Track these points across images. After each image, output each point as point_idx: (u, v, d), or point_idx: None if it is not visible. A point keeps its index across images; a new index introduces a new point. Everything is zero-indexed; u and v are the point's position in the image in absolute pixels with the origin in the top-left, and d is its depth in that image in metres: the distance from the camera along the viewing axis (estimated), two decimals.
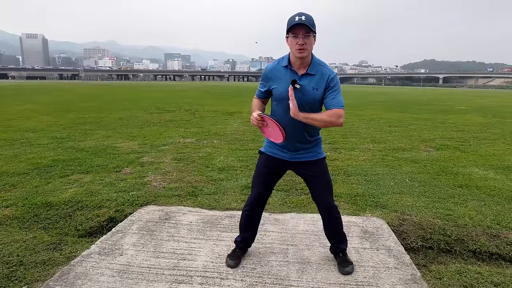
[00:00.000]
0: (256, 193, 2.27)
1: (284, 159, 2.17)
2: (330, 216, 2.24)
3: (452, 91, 61.19)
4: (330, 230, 2.30)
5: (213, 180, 4.20)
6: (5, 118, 9.86)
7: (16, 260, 2.35)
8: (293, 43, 1.92)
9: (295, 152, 2.15)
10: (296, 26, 1.88)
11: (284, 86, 2.01)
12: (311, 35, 1.91)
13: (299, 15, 1.90)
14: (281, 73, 2.04)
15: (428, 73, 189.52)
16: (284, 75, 2.03)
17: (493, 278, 2.27)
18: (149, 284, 2.08)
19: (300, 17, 1.88)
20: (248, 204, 2.31)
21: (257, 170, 2.26)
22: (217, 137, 7.23)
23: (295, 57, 1.98)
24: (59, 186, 3.88)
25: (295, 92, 1.98)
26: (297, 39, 1.90)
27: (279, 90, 2.04)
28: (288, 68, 2.02)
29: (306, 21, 1.87)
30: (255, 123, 1.99)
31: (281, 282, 2.12)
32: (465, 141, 7.28)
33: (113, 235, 2.71)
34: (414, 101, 22.44)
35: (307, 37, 1.90)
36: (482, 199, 3.67)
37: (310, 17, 1.90)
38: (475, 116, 12.92)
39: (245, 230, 2.37)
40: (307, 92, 2.00)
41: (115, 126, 8.72)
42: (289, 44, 1.96)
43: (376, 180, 4.30)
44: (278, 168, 2.24)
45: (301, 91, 1.99)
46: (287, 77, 2.02)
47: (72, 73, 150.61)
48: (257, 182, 2.27)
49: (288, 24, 1.92)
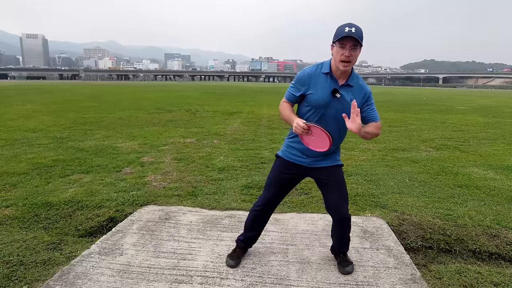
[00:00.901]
0: (270, 195, 2.25)
1: (303, 164, 2.15)
2: (343, 224, 2.21)
3: (452, 91, 61.19)
4: (340, 235, 2.29)
5: (213, 180, 4.20)
6: (5, 118, 9.86)
7: (16, 260, 2.35)
8: (339, 53, 1.89)
9: (314, 158, 2.13)
10: (345, 38, 1.85)
11: (323, 93, 1.98)
12: (358, 48, 1.89)
13: (349, 26, 1.86)
14: (321, 79, 2.00)
15: (428, 73, 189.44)
16: (324, 82, 1.99)
17: (493, 278, 2.27)
18: (149, 284, 2.09)
19: (350, 29, 1.85)
20: (260, 205, 2.29)
21: (273, 173, 2.25)
22: (217, 137, 7.24)
23: (337, 67, 1.95)
24: (59, 186, 3.88)
25: (334, 101, 1.97)
26: (343, 50, 1.88)
27: (318, 97, 1.99)
28: (329, 76, 1.99)
29: (356, 34, 1.84)
30: (299, 131, 1.91)
31: (281, 282, 2.13)
32: (465, 141, 7.28)
33: (113, 235, 2.71)
34: (414, 101, 22.44)
35: (354, 49, 1.88)
36: (482, 199, 3.68)
37: (359, 30, 1.87)
38: (475, 116, 12.92)
39: (250, 229, 2.36)
40: (345, 102, 1.97)
41: (115, 126, 8.72)
42: (334, 53, 1.93)
43: (376, 180, 4.30)
44: (296, 174, 2.22)
45: (339, 101, 1.98)
46: (327, 84, 1.98)
47: (72, 73, 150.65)
48: (272, 185, 2.24)
49: (337, 33, 1.88)
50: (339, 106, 1.98)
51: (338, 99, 1.97)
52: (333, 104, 1.98)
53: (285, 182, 2.24)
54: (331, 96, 1.98)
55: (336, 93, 1.97)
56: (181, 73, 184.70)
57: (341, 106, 1.98)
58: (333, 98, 1.98)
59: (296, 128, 1.92)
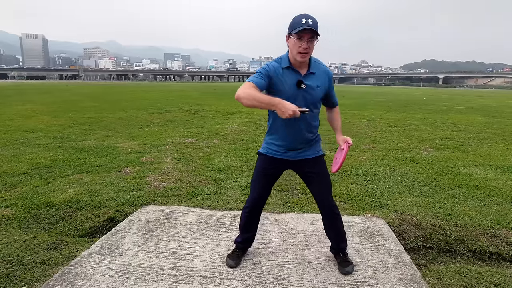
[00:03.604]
0: (256, 194, 2.27)
1: (285, 158, 2.17)
2: (332, 215, 2.24)
3: (452, 91, 61.20)
4: (333, 229, 2.30)
5: (213, 180, 4.20)
6: (5, 118, 9.86)
7: (16, 260, 2.35)
8: (296, 45, 1.89)
9: (295, 151, 2.15)
10: (303, 30, 1.85)
11: (288, 87, 1.97)
12: (315, 39, 1.90)
13: (306, 17, 1.86)
14: (284, 74, 1.98)
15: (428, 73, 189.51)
16: (287, 76, 1.98)
17: (493, 278, 2.27)
18: (149, 284, 2.08)
19: (307, 20, 1.84)
20: (248, 205, 2.30)
21: (257, 171, 2.26)
22: (217, 137, 7.23)
23: (295, 59, 1.95)
24: (59, 186, 3.88)
25: (301, 92, 1.97)
26: (301, 42, 1.88)
27: (285, 93, 1.95)
28: (291, 69, 1.99)
29: (313, 25, 1.84)
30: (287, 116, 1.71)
31: (281, 282, 2.12)
32: (465, 141, 7.28)
33: (113, 235, 2.71)
34: (414, 101, 22.44)
35: (311, 41, 1.89)
36: (482, 199, 3.67)
37: (316, 21, 1.87)
38: (475, 116, 12.91)
39: (245, 231, 2.37)
40: (313, 91, 2.00)
41: (115, 126, 8.72)
42: (291, 45, 1.92)
43: (376, 180, 4.30)
44: (278, 168, 2.24)
45: (307, 91, 1.98)
46: (290, 78, 1.98)
47: (72, 73, 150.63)
48: (257, 183, 2.26)
49: (293, 25, 1.87)
50: (308, 96, 2.00)
51: (304, 89, 1.98)
52: (301, 96, 1.99)
53: (270, 178, 2.25)
54: (296, 88, 1.97)
55: (301, 84, 1.97)
56: (181, 73, 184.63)
57: (309, 95, 2.00)
58: (299, 89, 1.98)
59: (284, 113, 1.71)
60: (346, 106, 16.22)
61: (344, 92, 36.70)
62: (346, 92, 37.30)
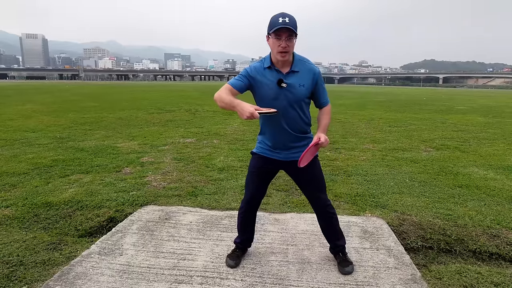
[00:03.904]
0: (249, 195, 2.26)
1: (277, 159, 2.17)
2: (325, 214, 2.24)
3: (452, 91, 61.20)
4: (327, 227, 2.30)
5: (213, 180, 4.20)
6: (5, 118, 9.86)
7: (16, 260, 2.35)
8: (276, 45, 1.91)
9: (287, 151, 2.15)
10: (279, 29, 1.87)
11: (269, 87, 2.00)
12: (294, 37, 1.91)
13: (283, 16, 1.87)
14: (266, 73, 2.02)
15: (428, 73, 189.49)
16: (269, 76, 2.01)
17: (493, 278, 2.27)
18: (149, 284, 2.08)
19: (284, 19, 1.86)
20: (242, 206, 2.30)
21: (251, 171, 2.26)
22: (217, 137, 7.23)
23: (276, 58, 1.97)
24: (59, 186, 3.88)
25: (282, 91, 1.98)
26: (280, 41, 1.89)
27: (266, 93, 2.01)
28: (272, 69, 2.01)
29: (290, 24, 1.85)
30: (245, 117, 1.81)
31: (281, 282, 2.12)
32: (465, 141, 7.28)
33: (113, 235, 2.71)
34: (414, 101, 22.44)
35: (290, 39, 1.90)
36: (482, 199, 3.67)
37: (293, 19, 1.89)
38: (475, 116, 12.91)
39: (243, 232, 2.38)
40: (295, 89, 2.00)
41: (115, 126, 8.72)
42: (271, 44, 1.95)
43: (376, 180, 4.30)
44: (273, 168, 2.24)
45: (289, 90, 1.99)
46: (273, 77, 2.00)
47: (72, 73, 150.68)
48: (251, 183, 2.25)
49: (271, 25, 1.90)
50: (290, 95, 2.00)
51: (286, 88, 1.98)
52: (283, 95, 1.99)
53: (263, 177, 2.25)
54: (277, 87, 1.98)
55: (281, 83, 1.97)
56: (181, 73, 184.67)
57: (292, 94, 2.00)
58: (280, 88, 1.98)
59: (242, 115, 1.81)
60: (346, 106, 16.22)
61: (344, 92, 36.70)
62: (346, 92, 37.29)
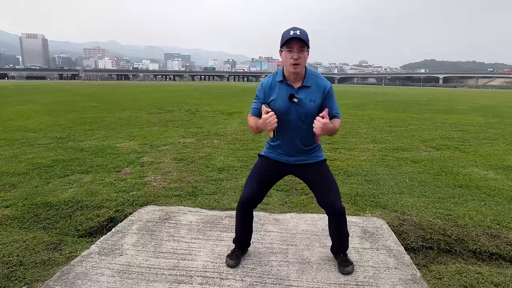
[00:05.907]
0: (249, 193, 2.22)
1: (287, 162, 2.18)
2: (340, 220, 2.21)
3: (452, 91, 61.20)
4: (337, 232, 2.27)
5: (213, 180, 4.20)
6: (5, 118, 9.86)
7: (16, 260, 2.35)
8: (288, 57, 1.93)
9: (297, 157, 2.17)
10: (291, 41, 1.89)
11: (281, 101, 2.03)
12: (305, 49, 1.93)
13: (294, 29, 1.91)
14: (277, 88, 2.05)
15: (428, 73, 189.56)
16: (281, 90, 2.04)
17: (493, 278, 2.27)
18: (149, 284, 2.08)
19: (295, 32, 1.89)
20: (239, 203, 2.28)
21: (256, 171, 2.25)
22: (217, 137, 7.23)
23: (289, 71, 1.99)
24: (59, 186, 3.88)
25: (293, 106, 2.01)
26: (291, 54, 1.92)
27: (278, 105, 2.03)
28: (284, 83, 2.03)
29: (301, 36, 1.88)
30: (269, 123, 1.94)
31: (281, 282, 2.12)
32: (465, 141, 7.28)
33: (113, 235, 2.71)
34: (414, 101, 22.44)
35: (302, 51, 1.92)
36: (482, 199, 3.67)
37: (304, 32, 1.91)
38: (475, 116, 12.91)
39: (239, 230, 2.37)
40: (305, 105, 2.01)
41: (115, 126, 8.72)
42: (283, 58, 1.97)
43: (376, 180, 4.30)
44: (280, 171, 2.24)
45: (299, 104, 2.01)
46: (284, 91, 2.03)
47: (72, 73, 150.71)
48: (253, 181, 2.23)
49: (282, 38, 1.93)
50: (301, 109, 2.02)
51: (297, 103, 2.00)
52: (294, 110, 2.02)
53: (268, 179, 2.25)
54: (288, 102, 2.00)
55: (293, 98, 1.99)
56: (181, 73, 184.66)
57: (302, 109, 2.02)
58: (292, 103, 2.00)
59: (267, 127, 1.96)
60: (346, 106, 16.20)
61: (344, 92, 36.70)
62: (347, 92, 37.28)
